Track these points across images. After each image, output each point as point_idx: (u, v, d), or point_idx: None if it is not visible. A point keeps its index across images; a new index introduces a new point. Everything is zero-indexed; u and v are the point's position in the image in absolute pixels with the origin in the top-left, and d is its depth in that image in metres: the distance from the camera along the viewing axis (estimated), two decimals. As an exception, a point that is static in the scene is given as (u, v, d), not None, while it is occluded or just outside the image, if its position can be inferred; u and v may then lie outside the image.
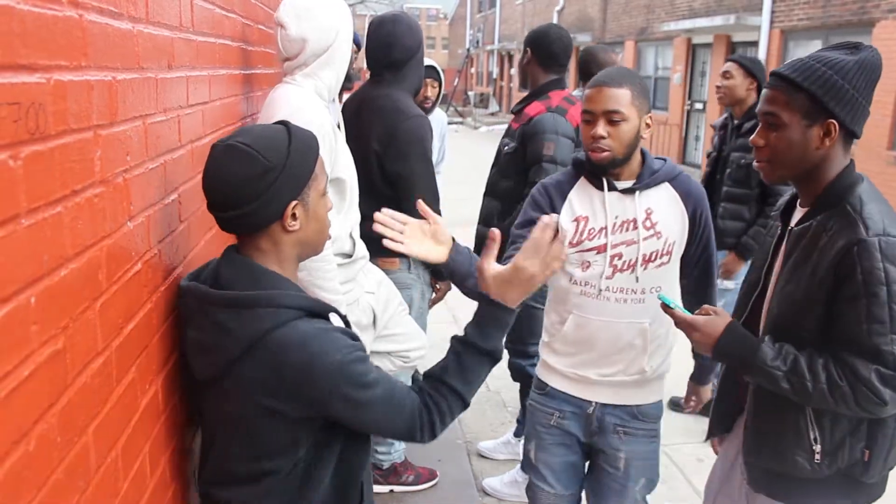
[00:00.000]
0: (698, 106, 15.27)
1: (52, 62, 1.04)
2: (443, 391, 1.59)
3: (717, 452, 2.27)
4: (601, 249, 2.14)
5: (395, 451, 3.40)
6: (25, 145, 0.95)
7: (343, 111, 3.13)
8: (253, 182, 1.46)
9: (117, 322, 1.29)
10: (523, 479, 3.22)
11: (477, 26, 38.34)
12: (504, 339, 1.70)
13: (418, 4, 67.13)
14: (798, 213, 1.83)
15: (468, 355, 1.60)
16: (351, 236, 2.58)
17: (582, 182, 2.21)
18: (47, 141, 1.02)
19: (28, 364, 0.96)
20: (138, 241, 1.41)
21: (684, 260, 2.23)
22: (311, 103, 2.42)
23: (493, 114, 32.23)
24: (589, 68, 3.93)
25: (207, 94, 2.03)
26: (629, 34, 18.39)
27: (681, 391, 4.49)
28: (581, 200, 2.19)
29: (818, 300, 1.66)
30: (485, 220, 3.30)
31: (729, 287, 4.00)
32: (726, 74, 3.94)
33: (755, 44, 12.68)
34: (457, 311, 5.94)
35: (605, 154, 2.05)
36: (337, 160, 2.48)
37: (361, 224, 2.60)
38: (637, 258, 2.12)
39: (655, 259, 2.13)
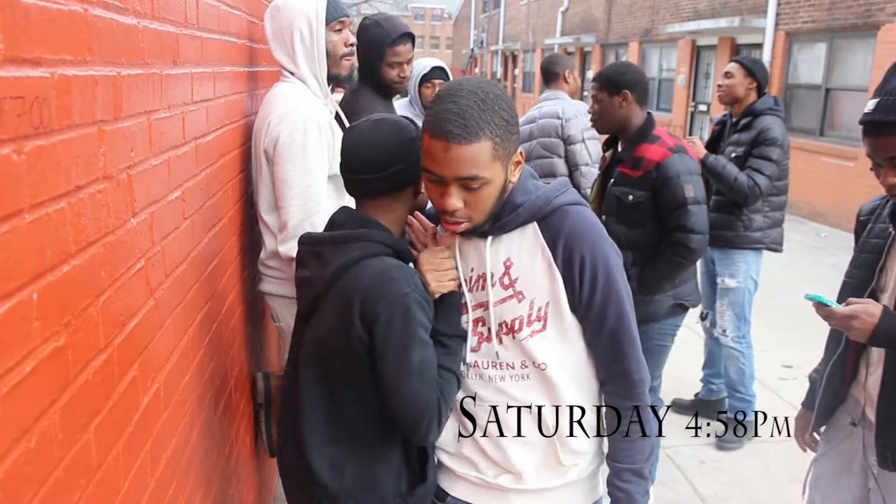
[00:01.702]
0: (702, 108, 15.25)
1: (57, 56, 1.03)
2: (445, 376, 1.64)
3: (804, 449, 2.37)
4: (464, 311, 1.70)
5: None
6: (29, 140, 0.95)
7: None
8: (405, 146, 1.67)
9: (120, 319, 1.29)
10: None
11: (481, 27, 38.34)
12: None
13: (423, 4, 67.15)
14: None
15: (452, 342, 1.68)
16: None
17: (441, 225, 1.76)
18: (51, 136, 1.01)
19: (30, 360, 0.95)
20: (141, 238, 1.41)
21: (583, 326, 1.65)
22: (307, 100, 2.42)
23: (496, 114, 32.17)
24: (552, 69, 4.09)
25: (212, 90, 2.02)
26: (633, 35, 18.37)
27: (681, 393, 4.49)
28: (440, 247, 1.77)
29: None
30: None
31: (731, 286, 3.99)
32: (727, 74, 4.02)
33: (759, 46, 12.65)
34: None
35: (464, 226, 1.57)
36: (335, 157, 2.47)
37: None
38: (496, 326, 1.64)
39: (522, 328, 1.61)
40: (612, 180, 3.12)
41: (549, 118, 3.96)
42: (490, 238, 1.63)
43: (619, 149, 3.15)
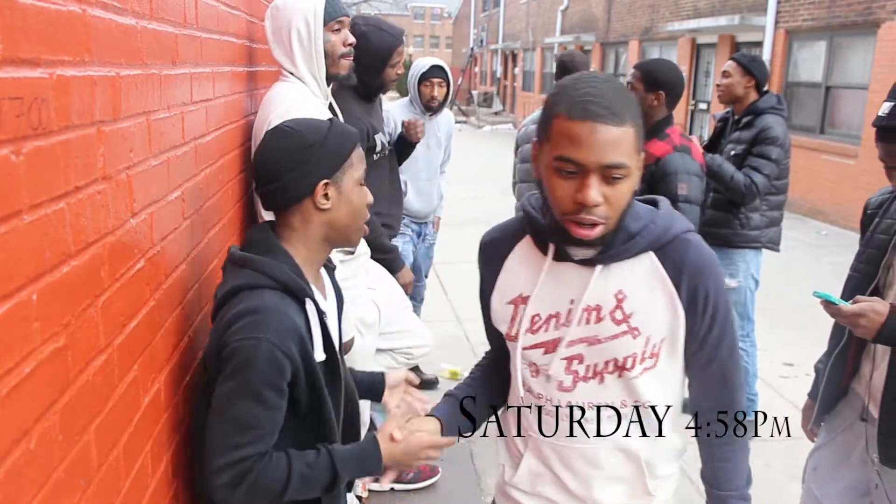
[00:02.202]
0: (702, 106, 15.24)
1: (55, 57, 1.03)
2: (282, 463, 1.51)
3: (811, 439, 2.39)
4: (549, 348, 1.52)
5: None
6: (28, 140, 0.94)
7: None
8: (292, 154, 1.59)
9: (120, 319, 1.29)
10: None
11: (481, 25, 38.32)
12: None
13: (422, 3, 67.12)
14: None
15: (320, 473, 1.55)
16: None
17: (526, 243, 1.57)
18: (50, 136, 1.01)
19: (29, 361, 0.95)
20: (141, 239, 1.40)
21: (687, 361, 1.55)
22: (306, 99, 2.42)
23: (496, 113, 32.20)
24: (566, 72, 3.95)
25: (211, 90, 2.02)
26: (633, 34, 18.35)
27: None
28: (521, 271, 1.56)
29: None
30: None
31: (731, 286, 3.99)
32: (725, 73, 4.01)
33: (759, 44, 12.63)
34: (460, 310, 5.93)
35: (598, 230, 1.36)
36: None
37: None
38: (602, 363, 1.49)
39: (634, 366, 1.47)
40: None
41: None
42: (599, 267, 1.46)
43: None
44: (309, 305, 1.58)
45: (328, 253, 1.72)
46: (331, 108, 2.74)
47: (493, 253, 1.61)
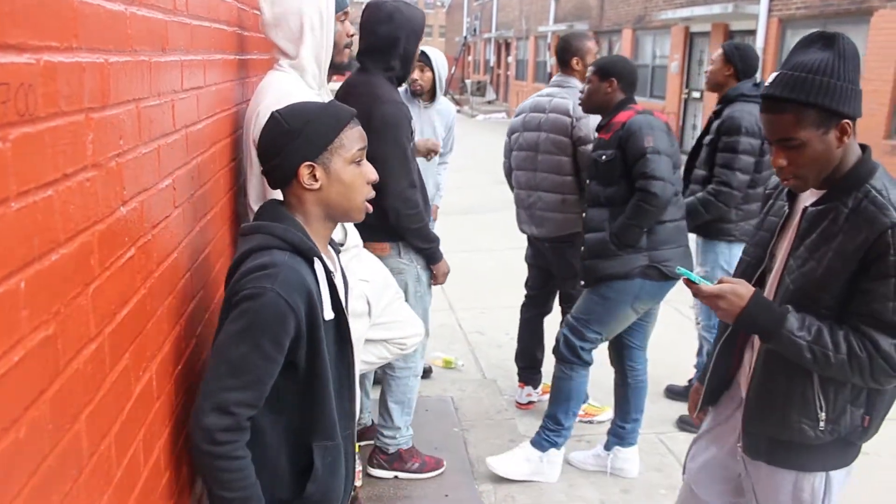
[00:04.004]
0: (696, 94, 15.23)
1: (42, 43, 1.02)
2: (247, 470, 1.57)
3: (696, 424, 2.35)
4: None
5: (402, 436, 3.39)
6: (15, 127, 0.93)
7: (336, 97, 3.12)
8: (274, 141, 1.68)
9: (110, 308, 1.28)
10: (604, 454, 3.55)
11: (474, 14, 38.17)
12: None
13: (415, -8, 66.78)
14: (809, 195, 1.89)
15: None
16: (343, 225, 2.56)
17: None
18: (37, 123, 1.00)
19: (18, 349, 0.94)
20: (132, 227, 1.40)
21: None
22: (299, 89, 2.40)
23: (489, 102, 32.14)
24: (563, 55, 3.96)
25: (202, 78, 2.01)
26: (627, 22, 18.31)
27: (675, 379, 4.51)
28: None
29: (841, 278, 1.74)
30: (594, 229, 3.32)
31: (700, 275, 3.99)
32: (711, 60, 4.01)
33: (753, 32, 12.63)
34: (453, 299, 5.94)
35: None
36: None
37: None
38: None
39: None
40: (592, 147, 3.47)
41: (559, 114, 3.82)
42: None
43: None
44: (317, 265, 1.66)
45: (332, 227, 1.79)
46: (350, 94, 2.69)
47: None
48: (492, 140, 15.41)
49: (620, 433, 3.53)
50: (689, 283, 1.90)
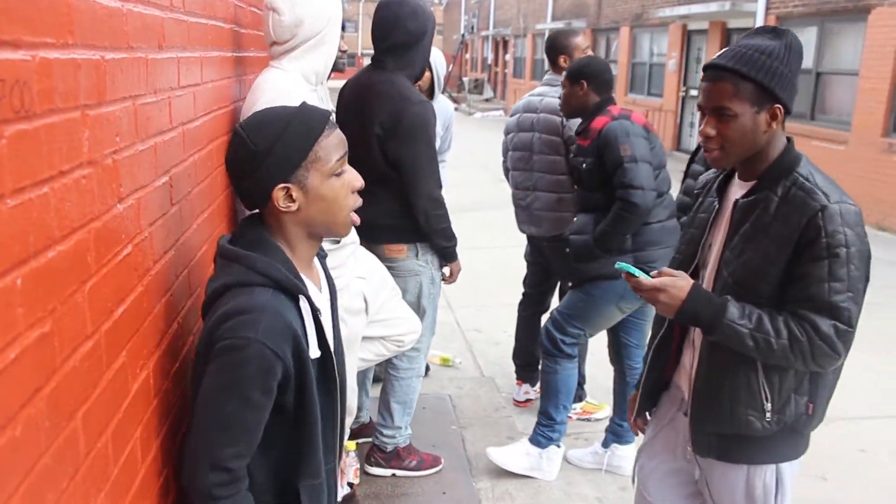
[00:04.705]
0: (693, 92, 15.24)
1: (38, 39, 1.02)
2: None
3: (638, 432, 2.32)
4: None
5: (401, 434, 3.39)
6: (10, 124, 0.93)
7: (340, 95, 3.11)
8: (241, 163, 1.54)
9: (107, 305, 1.28)
10: (602, 451, 3.57)
11: (472, 12, 38.14)
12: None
13: (413, -11, 66.52)
14: (738, 188, 1.93)
15: None
16: None
17: None
18: (33, 120, 0.99)
19: (14, 347, 0.94)
20: (128, 224, 1.39)
21: None
22: (297, 87, 2.41)
23: (487, 100, 32.12)
24: (550, 54, 3.97)
25: (199, 75, 2.00)
26: (624, 20, 18.31)
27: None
28: None
29: (777, 265, 1.77)
30: (579, 231, 3.36)
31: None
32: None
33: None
34: (451, 297, 5.94)
35: None
36: None
37: (364, 209, 2.59)
38: None
39: None
40: (572, 154, 3.51)
41: (550, 114, 3.81)
42: None
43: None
44: (303, 302, 1.55)
45: (317, 246, 1.67)
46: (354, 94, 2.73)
47: None
48: (490, 138, 15.40)
49: (618, 431, 3.54)
50: (630, 276, 1.89)
